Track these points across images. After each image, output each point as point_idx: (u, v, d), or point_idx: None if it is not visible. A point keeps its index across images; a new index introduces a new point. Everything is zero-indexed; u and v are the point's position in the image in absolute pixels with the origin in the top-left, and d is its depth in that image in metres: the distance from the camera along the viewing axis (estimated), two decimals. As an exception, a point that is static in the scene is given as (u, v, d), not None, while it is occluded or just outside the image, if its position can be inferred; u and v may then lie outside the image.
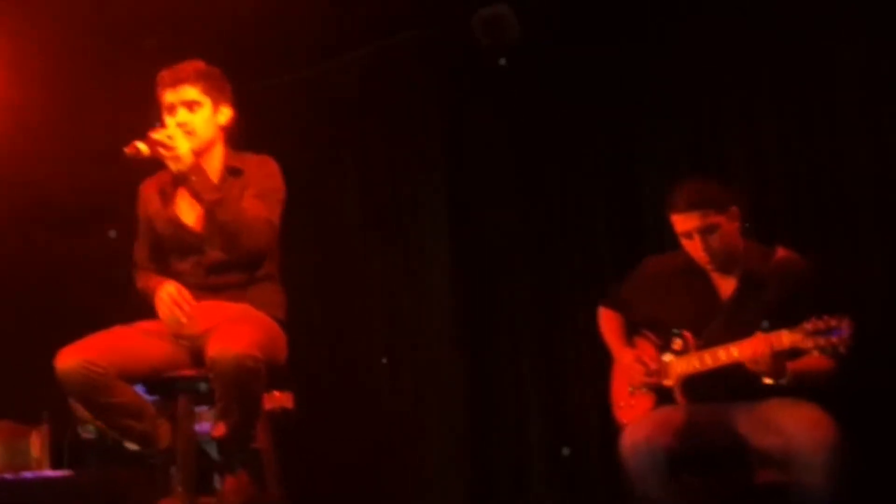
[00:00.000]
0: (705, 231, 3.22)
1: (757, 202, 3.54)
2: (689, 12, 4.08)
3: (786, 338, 3.00)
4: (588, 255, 4.32)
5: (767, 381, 3.07)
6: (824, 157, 3.84)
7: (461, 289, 4.57)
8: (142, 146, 3.18)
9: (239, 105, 3.43)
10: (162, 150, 3.18)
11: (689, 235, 3.26)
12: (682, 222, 3.26)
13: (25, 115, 4.46)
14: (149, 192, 3.45)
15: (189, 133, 3.27)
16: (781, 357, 3.04)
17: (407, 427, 4.61)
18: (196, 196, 3.24)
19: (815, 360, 3.08)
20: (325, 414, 4.53)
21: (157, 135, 3.20)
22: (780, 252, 3.30)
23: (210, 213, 3.22)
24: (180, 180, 3.25)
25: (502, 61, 4.38)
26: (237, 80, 3.43)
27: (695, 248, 3.27)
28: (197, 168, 3.22)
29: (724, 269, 3.29)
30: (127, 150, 3.18)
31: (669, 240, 3.42)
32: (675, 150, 4.14)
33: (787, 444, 3.03)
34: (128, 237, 3.56)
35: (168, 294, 3.22)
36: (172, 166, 3.20)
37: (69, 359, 3.08)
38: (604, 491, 4.05)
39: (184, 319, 3.20)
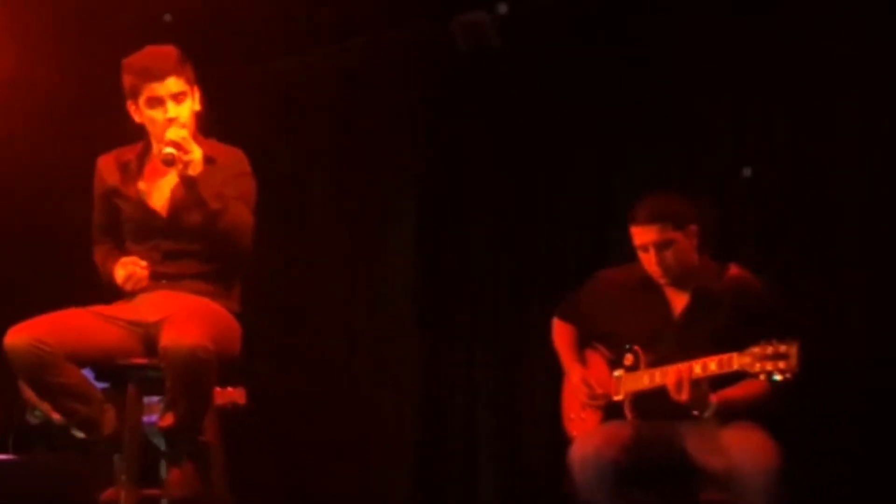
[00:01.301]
0: (661, 245, 3.25)
1: (722, 219, 3.57)
2: (669, 27, 4.12)
3: (735, 361, 3.03)
4: (553, 265, 4.33)
5: (694, 413, 3.11)
6: (823, 196, 3.87)
7: (423, 289, 4.59)
8: (173, 151, 3.14)
9: (215, 93, 3.42)
10: (178, 152, 3.15)
11: (645, 248, 3.29)
12: (640, 235, 3.29)
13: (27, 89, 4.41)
14: (108, 167, 3.40)
15: (182, 126, 3.23)
16: (702, 386, 3.08)
17: (357, 428, 4.60)
18: (199, 202, 3.19)
19: (747, 387, 3.12)
20: (275, 410, 4.51)
21: (172, 135, 3.17)
22: (733, 270, 3.34)
23: (212, 220, 3.19)
24: (187, 185, 3.20)
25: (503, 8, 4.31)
26: (210, 66, 3.42)
27: (649, 262, 3.30)
28: (204, 175, 3.19)
29: (678, 284, 3.32)
30: (164, 159, 3.15)
31: (631, 253, 3.45)
32: (649, 163, 4.17)
33: (731, 465, 3.05)
34: (87, 214, 3.53)
35: (129, 260, 3.24)
36: (183, 170, 3.16)
37: (18, 336, 3.05)
38: (550, 497, 4.06)
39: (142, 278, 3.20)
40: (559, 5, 4.30)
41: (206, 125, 3.41)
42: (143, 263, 3.27)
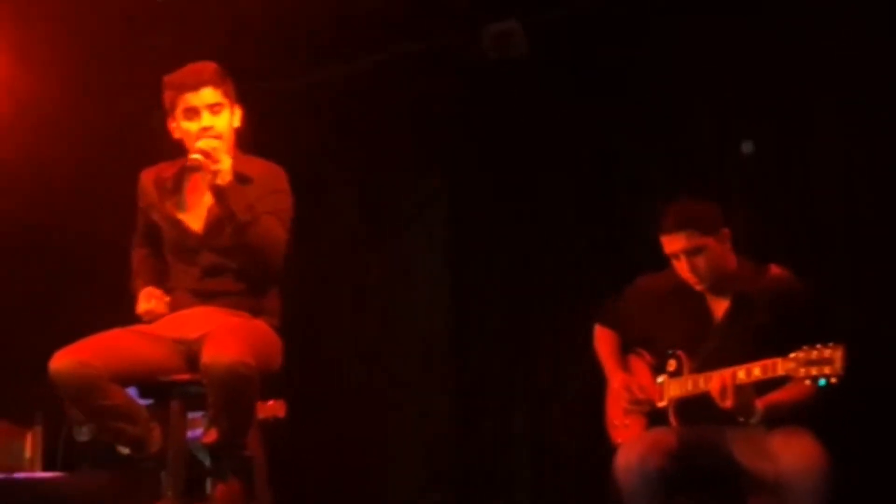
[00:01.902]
0: (691, 252, 3.22)
1: (752, 222, 3.54)
2: (684, 34, 4.11)
3: (780, 366, 3.00)
4: (583, 272, 4.34)
5: (739, 420, 3.09)
6: (823, 196, 3.86)
7: (455, 304, 4.60)
8: (200, 157, 3.16)
9: (246, 107, 3.44)
10: (209, 163, 3.16)
11: (676, 257, 3.27)
12: (669, 243, 3.27)
13: (28, 108, 4.45)
14: (147, 182, 3.43)
15: (216, 137, 3.25)
16: (747, 391, 3.04)
17: (396, 440, 4.60)
18: (228, 214, 3.19)
19: (792, 391, 3.09)
20: (316, 423, 4.52)
21: (202, 144, 3.18)
22: (773, 270, 3.30)
23: (240, 234, 3.20)
24: (216, 195, 3.20)
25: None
26: (244, 81, 3.44)
27: (682, 269, 3.27)
28: (233, 186, 3.19)
29: (716, 289, 3.29)
30: (190, 164, 3.18)
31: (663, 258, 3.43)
32: (674, 169, 4.17)
33: (778, 470, 3.03)
34: (124, 236, 3.56)
35: (147, 291, 3.31)
36: (212, 179, 3.17)
37: (63, 360, 3.07)
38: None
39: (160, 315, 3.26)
40: (585, 15, 4.28)
41: (248, 142, 3.43)
42: (166, 299, 3.31)
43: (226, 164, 3.17)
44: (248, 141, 3.46)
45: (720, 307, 3.30)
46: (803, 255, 3.83)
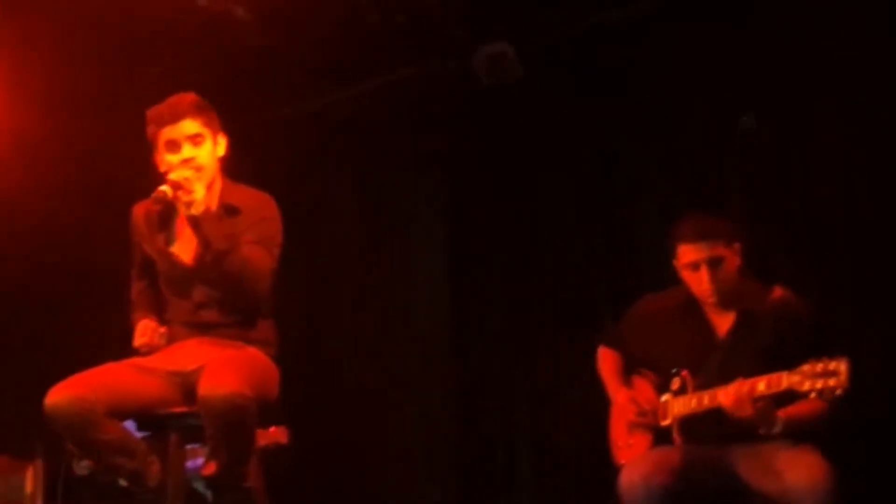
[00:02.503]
0: (712, 263, 3.20)
1: (755, 241, 3.52)
2: (689, 45, 4.09)
3: (785, 380, 2.97)
4: (584, 294, 4.31)
5: (761, 431, 3.05)
6: (824, 196, 3.84)
7: (455, 304, 4.58)
8: (167, 189, 3.14)
9: (239, 137, 3.42)
10: (180, 193, 3.14)
11: (695, 266, 3.23)
12: (690, 253, 3.23)
13: (25, 141, 4.45)
14: (138, 217, 3.42)
15: (197, 168, 3.23)
16: (764, 403, 3.01)
17: (398, 468, 4.58)
18: (205, 243, 3.17)
19: (808, 405, 3.05)
20: (319, 447, 4.50)
21: (175, 176, 3.16)
22: (778, 291, 3.28)
23: (217, 262, 3.17)
24: (192, 225, 3.18)
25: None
26: (236, 111, 3.42)
27: (699, 281, 3.23)
28: (209, 214, 3.17)
29: (724, 305, 3.26)
30: (154, 196, 3.14)
31: (666, 276, 3.40)
32: (677, 188, 4.15)
33: (784, 487, 3.00)
34: (124, 270, 3.55)
35: (143, 324, 3.30)
36: (186, 210, 3.15)
37: (58, 395, 3.05)
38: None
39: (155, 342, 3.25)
40: (579, 39, 4.27)
41: (237, 171, 3.42)
42: (162, 331, 3.30)
43: (199, 193, 3.15)
44: (242, 170, 3.45)
45: (724, 324, 3.28)
46: (803, 256, 3.84)
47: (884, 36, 3.69)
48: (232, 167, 3.44)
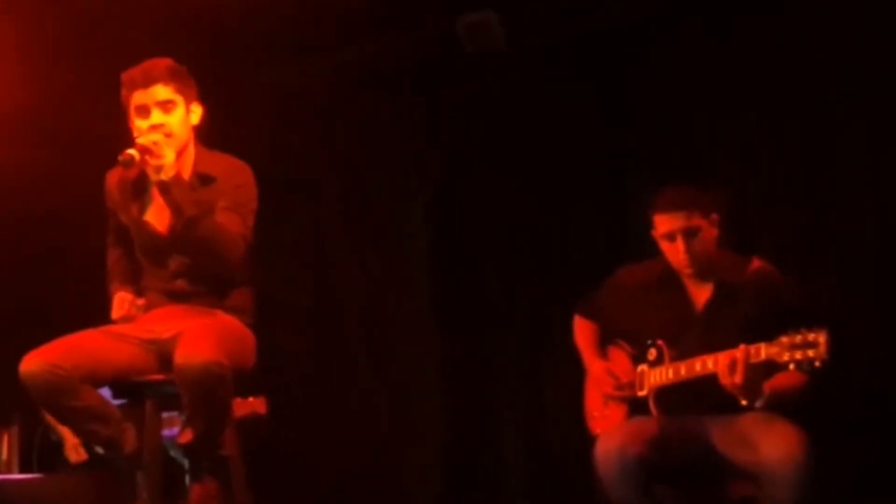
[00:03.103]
0: (688, 233, 3.19)
1: (737, 213, 3.52)
2: (681, 25, 4.08)
3: (763, 351, 2.97)
4: (570, 263, 4.31)
5: (743, 402, 3.04)
6: (809, 171, 3.85)
7: (441, 296, 4.57)
8: (134, 153, 3.11)
9: (217, 103, 3.39)
10: (147, 158, 3.11)
11: (671, 237, 3.23)
12: (666, 222, 3.23)
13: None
14: (111, 185, 3.39)
15: (167, 135, 3.20)
16: (757, 371, 3.00)
17: (382, 438, 4.59)
18: (175, 209, 3.16)
19: (789, 378, 3.05)
20: (298, 420, 4.50)
21: (144, 140, 3.13)
22: (756, 263, 3.28)
23: (187, 228, 3.15)
24: (161, 190, 3.16)
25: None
26: (217, 76, 3.38)
27: (675, 251, 3.23)
28: (179, 179, 3.15)
29: (701, 275, 3.26)
30: (120, 158, 3.11)
31: (650, 251, 3.40)
32: (662, 161, 4.14)
33: (759, 458, 3.01)
34: (100, 236, 3.52)
35: (120, 296, 3.27)
36: (155, 175, 3.12)
37: (33, 362, 3.05)
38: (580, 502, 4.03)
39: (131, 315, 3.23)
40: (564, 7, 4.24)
41: (214, 138, 3.38)
42: (139, 303, 3.28)
43: (168, 158, 3.12)
44: (221, 136, 3.42)
45: (702, 296, 3.28)
46: (784, 229, 3.84)
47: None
48: (210, 136, 3.41)
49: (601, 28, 4.23)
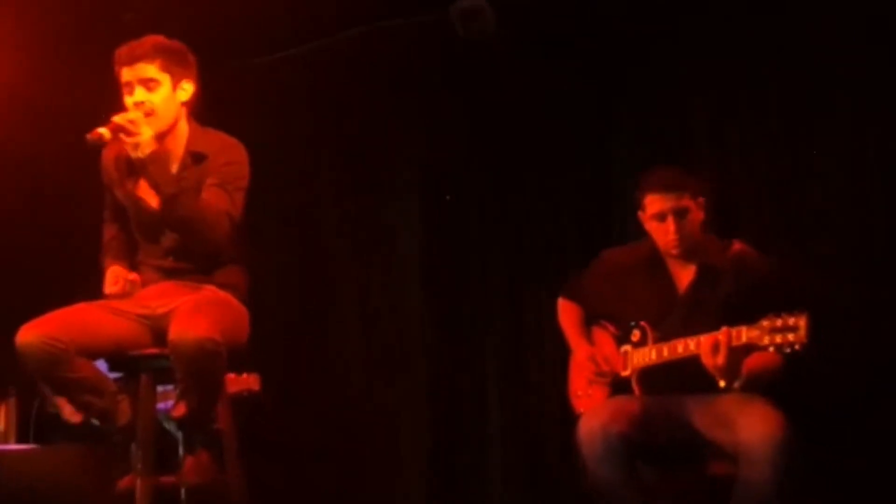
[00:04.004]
0: (679, 213, 3.24)
1: (720, 198, 3.57)
2: (671, 9, 4.10)
3: (744, 334, 3.02)
4: (555, 247, 4.34)
5: (722, 384, 3.09)
6: (788, 156, 3.88)
7: (429, 277, 4.59)
8: (104, 132, 3.13)
9: (214, 84, 3.41)
10: (123, 136, 3.14)
11: (661, 217, 3.27)
12: (657, 202, 3.27)
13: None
14: (108, 161, 3.42)
15: (149, 113, 3.22)
16: (738, 354, 3.06)
17: (371, 416, 4.62)
18: (154, 187, 3.19)
19: (767, 358, 3.10)
20: (291, 396, 4.55)
21: (119, 119, 3.16)
22: (737, 246, 3.33)
23: (167, 206, 3.18)
24: (139, 168, 3.20)
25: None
26: (217, 58, 3.38)
27: (665, 231, 3.27)
28: (157, 157, 3.17)
29: (686, 257, 3.30)
30: (89, 136, 3.13)
31: (634, 234, 3.45)
32: (647, 146, 4.17)
33: (737, 438, 3.06)
34: (97, 211, 3.57)
35: (113, 271, 3.31)
36: (132, 153, 3.15)
37: (29, 333, 3.10)
38: (564, 486, 4.09)
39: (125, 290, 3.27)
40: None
41: (206, 117, 3.42)
42: (131, 277, 3.32)
43: (145, 135, 3.14)
44: (218, 117, 3.46)
45: (685, 278, 3.33)
46: (767, 210, 3.88)
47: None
48: (207, 115, 3.46)
49: (593, 14, 4.26)
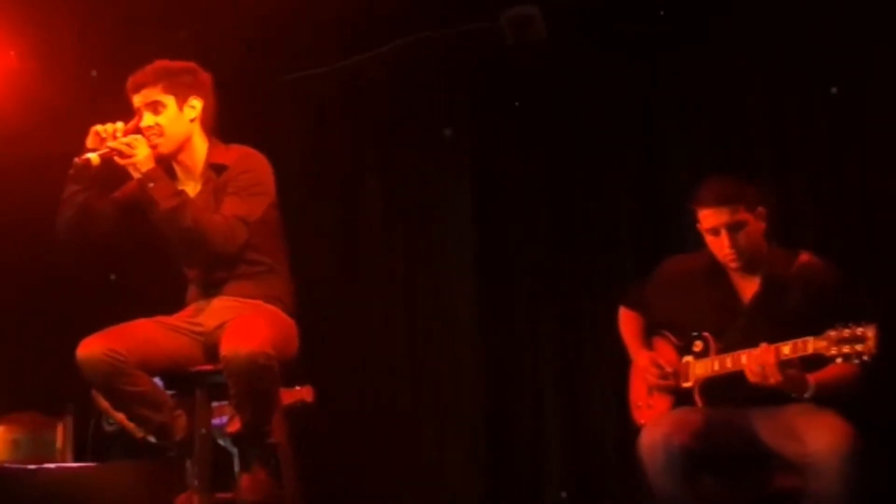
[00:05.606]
0: (733, 227, 3.18)
1: (783, 206, 3.50)
2: (718, 11, 4.05)
3: (811, 345, 2.96)
4: (611, 255, 4.32)
5: (793, 395, 3.04)
6: (853, 163, 3.81)
7: (483, 289, 4.57)
8: (93, 157, 3.16)
9: (264, 99, 3.41)
10: (118, 159, 3.17)
11: (715, 231, 3.21)
12: (710, 217, 3.21)
13: (51, 109, 4.48)
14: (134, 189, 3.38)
15: (159, 135, 3.26)
16: (791, 367, 2.99)
17: (425, 425, 4.60)
18: (152, 204, 3.20)
19: (839, 369, 3.02)
20: (344, 409, 4.54)
21: (113, 143, 3.18)
22: (804, 257, 3.26)
23: (168, 222, 3.18)
24: (139, 187, 3.22)
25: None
26: (263, 72, 3.38)
27: (720, 246, 3.22)
28: (155, 174, 3.19)
29: (748, 269, 3.25)
30: (78, 160, 3.16)
31: (692, 241, 3.40)
32: (702, 150, 4.14)
33: (805, 450, 2.99)
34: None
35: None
36: (132, 173, 3.19)
37: (92, 346, 3.12)
38: (621, 493, 4.02)
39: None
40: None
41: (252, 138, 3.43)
42: (119, 125, 3.23)
43: (141, 154, 3.16)
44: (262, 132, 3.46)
45: (749, 289, 3.27)
46: (832, 221, 3.81)
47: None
48: (255, 129, 3.46)
49: (647, 15, 4.22)
